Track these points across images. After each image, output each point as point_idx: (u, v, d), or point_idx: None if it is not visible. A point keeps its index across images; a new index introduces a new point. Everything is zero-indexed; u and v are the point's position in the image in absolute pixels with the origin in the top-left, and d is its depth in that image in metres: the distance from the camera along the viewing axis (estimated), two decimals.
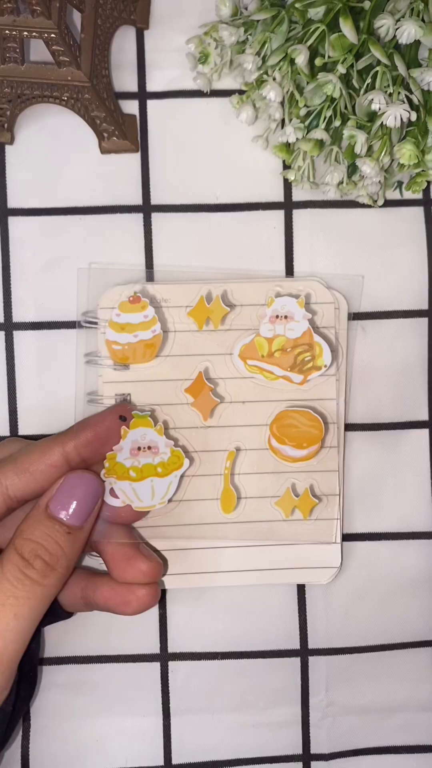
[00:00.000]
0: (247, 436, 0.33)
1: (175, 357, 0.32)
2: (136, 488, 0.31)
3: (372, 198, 0.34)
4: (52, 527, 0.29)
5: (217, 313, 0.32)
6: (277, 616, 0.36)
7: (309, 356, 0.32)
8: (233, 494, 0.32)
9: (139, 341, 0.32)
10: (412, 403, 0.36)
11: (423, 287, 0.36)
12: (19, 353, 0.36)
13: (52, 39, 0.31)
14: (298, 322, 0.32)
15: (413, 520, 0.36)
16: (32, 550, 0.29)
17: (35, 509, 0.30)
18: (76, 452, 0.31)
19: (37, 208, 0.35)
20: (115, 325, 0.32)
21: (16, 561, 0.28)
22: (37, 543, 0.29)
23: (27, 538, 0.29)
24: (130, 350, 0.32)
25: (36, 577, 0.28)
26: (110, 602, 0.32)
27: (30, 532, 0.29)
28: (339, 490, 0.35)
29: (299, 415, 0.32)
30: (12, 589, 0.28)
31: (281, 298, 0.32)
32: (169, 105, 0.36)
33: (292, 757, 0.36)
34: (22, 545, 0.29)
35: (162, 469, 0.31)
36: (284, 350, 0.32)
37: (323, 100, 0.32)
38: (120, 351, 0.32)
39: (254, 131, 0.35)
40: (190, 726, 0.36)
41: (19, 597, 0.28)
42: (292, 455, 0.32)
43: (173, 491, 0.32)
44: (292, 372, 0.32)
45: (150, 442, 0.31)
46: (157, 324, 0.32)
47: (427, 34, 0.30)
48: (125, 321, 0.32)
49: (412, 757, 0.36)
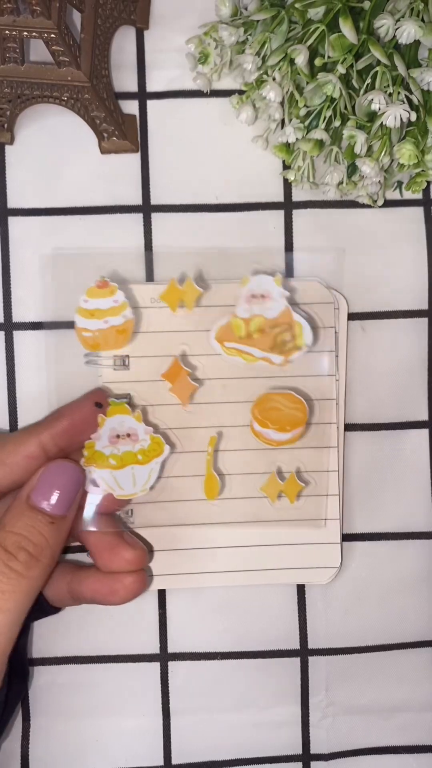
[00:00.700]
0: (229, 420, 0.32)
1: (151, 342, 0.31)
2: (117, 476, 0.31)
3: (372, 198, 0.34)
4: (35, 518, 0.29)
5: (190, 294, 0.31)
6: (276, 616, 0.36)
7: (289, 336, 0.30)
8: (216, 480, 0.32)
9: (110, 327, 0.31)
10: (412, 403, 0.36)
11: (423, 287, 0.36)
12: (19, 353, 0.36)
13: (52, 39, 0.31)
14: (276, 301, 0.31)
15: (413, 520, 0.36)
16: (15, 542, 0.28)
17: (16, 501, 0.29)
18: (52, 442, 0.31)
19: (37, 208, 0.35)
20: (83, 311, 0.31)
21: (0, 554, 0.28)
22: (20, 535, 0.28)
23: (10, 530, 0.28)
24: (101, 337, 0.31)
25: (20, 569, 0.28)
26: (97, 593, 0.31)
27: (12, 524, 0.29)
28: (339, 490, 0.35)
29: (282, 397, 0.31)
30: (8, 588, 0.28)
31: (257, 277, 0.31)
32: (169, 105, 0.36)
33: (291, 757, 0.36)
34: (5, 538, 0.28)
35: (142, 456, 0.31)
36: (263, 331, 0.30)
37: (323, 100, 0.32)
38: (90, 338, 0.31)
39: (254, 131, 0.36)
40: (189, 726, 0.36)
41: (5, 591, 0.28)
42: (275, 438, 0.31)
43: (155, 478, 0.31)
44: (272, 353, 0.30)
45: (129, 429, 0.31)
46: (128, 309, 0.31)
47: (426, 34, 0.30)
48: (94, 307, 0.30)
49: (412, 757, 0.36)
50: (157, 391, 0.32)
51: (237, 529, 0.32)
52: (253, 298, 0.30)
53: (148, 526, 0.33)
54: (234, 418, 0.32)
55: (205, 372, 0.32)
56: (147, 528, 0.34)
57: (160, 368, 0.32)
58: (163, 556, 0.35)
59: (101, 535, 0.32)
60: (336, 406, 0.35)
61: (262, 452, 0.32)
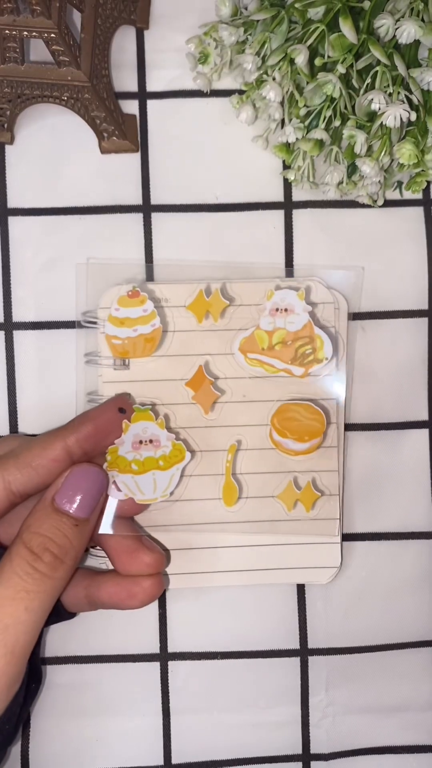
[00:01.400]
0: (249, 429, 0.32)
1: (176, 352, 0.32)
2: (138, 481, 0.31)
3: (372, 198, 0.34)
4: (60, 520, 0.29)
5: (216, 306, 0.32)
6: (276, 616, 0.36)
7: (310, 349, 0.31)
8: (235, 487, 0.32)
9: (138, 335, 0.32)
10: (412, 403, 0.36)
11: (423, 287, 0.36)
12: (19, 353, 0.36)
13: (52, 39, 0.31)
14: (299, 315, 0.31)
15: (413, 520, 0.36)
16: (41, 544, 0.29)
17: (41, 503, 0.30)
18: (77, 446, 0.31)
19: (37, 208, 0.35)
20: (114, 319, 0.32)
21: (25, 555, 0.28)
22: (45, 536, 0.29)
23: (35, 531, 0.29)
24: (129, 344, 0.32)
25: (45, 570, 0.29)
26: (115, 597, 0.32)
27: (38, 525, 0.29)
28: (339, 490, 0.35)
29: (301, 408, 0.32)
30: (22, 583, 0.28)
31: (281, 291, 0.32)
32: (169, 105, 0.36)
33: (291, 757, 0.36)
34: (30, 539, 0.29)
35: (164, 462, 0.31)
36: (285, 343, 0.31)
37: (323, 100, 0.32)
38: (120, 345, 0.32)
39: (254, 131, 0.36)
40: (189, 726, 0.36)
41: (30, 591, 0.28)
42: (293, 448, 0.32)
43: (175, 484, 0.32)
44: (293, 365, 0.31)
45: (151, 435, 0.31)
46: (156, 318, 0.32)
47: (426, 33, 0.30)
48: (124, 315, 0.31)
49: (412, 757, 0.36)
50: (178, 394, 0.32)
51: (252, 536, 0.33)
52: (276, 312, 0.31)
53: (163, 525, 0.33)
54: (253, 427, 0.33)
55: (226, 381, 0.32)
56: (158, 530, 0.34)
57: (181, 371, 0.33)
58: None
59: (121, 539, 0.32)
60: (336, 406, 0.35)
61: (279, 461, 0.32)
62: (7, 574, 0.28)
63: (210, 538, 0.35)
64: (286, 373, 0.32)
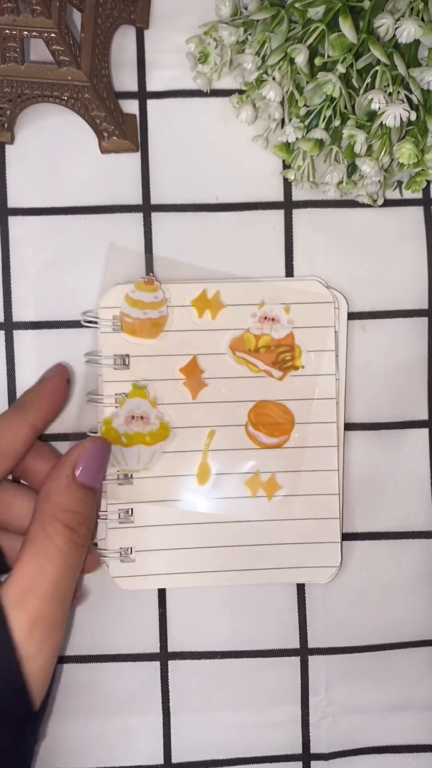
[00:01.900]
0: (227, 418, 0.35)
1: (174, 339, 0.35)
2: (125, 452, 0.34)
3: (372, 197, 0.34)
4: (85, 494, 0.31)
5: (215, 306, 0.35)
6: (276, 616, 0.36)
7: (289, 356, 0.35)
8: (209, 468, 0.35)
9: (147, 318, 0.35)
10: (412, 402, 0.36)
11: (423, 287, 0.36)
12: (19, 353, 0.36)
13: (52, 38, 0.31)
14: (283, 326, 0.35)
15: (412, 520, 0.36)
16: (75, 519, 0.30)
17: (61, 479, 0.31)
18: (41, 422, 0.33)
19: (37, 208, 0.36)
20: (129, 299, 0.35)
21: (64, 532, 0.30)
22: (77, 512, 0.30)
23: (68, 509, 0.30)
24: (138, 324, 0.35)
25: (83, 541, 0.31)
26: None
27: (68, 502, 0.30)
28: (339, 490, 0.35)
29: (275, 406, 0.35)
30: (67, 559, 0.30)
31: (271, 303, 0.35)
32: (169, 105, 0.36)
33: (291, 757, 0.36)
34: (65, 517, 0.30)
35: (150, 438, 0.34)
36: (268, 348, 0.35)
37: (323, 99, 0.32)
38: (130, 323, 0.35)
39: (254, 131, 0.35)
40: (189, 725, 0.36)
41: (73, 565, 0.30)
42: (263, 441, 0.35)
43: (157, 459, 0.35)
44: (273, 368, 0.35)
45: (143, 412, 0.34)
46: (164, 306, 0.35)
47: (426, 33, 0.30)
48: (138, 298, 0.34)
49: (412, 756, 0.36)
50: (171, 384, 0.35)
51: (221, 517, 0.35)
52: (265, 320, 0.35)
53: (141, 501, 0.35)
54: (231, 417, 0.35)
55: (212, 374, 0.35)
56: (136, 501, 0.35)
57: (175, 358, 0.35)
58: (164, 556, 0.35)
59: None
60: (336, 406, 0.35)
61: (249, 451, 0.35)
62: (54, 554, 0.29)
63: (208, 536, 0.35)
64: (266, 374, 0.35)
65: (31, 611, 0.29)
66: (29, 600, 0.29)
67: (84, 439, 0.32)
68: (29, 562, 0.29)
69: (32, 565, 0.29)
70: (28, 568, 0.29)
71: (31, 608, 0.29)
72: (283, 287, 0.35)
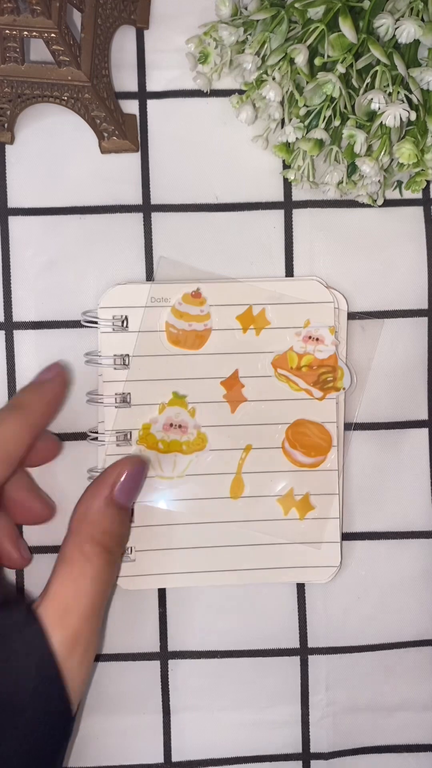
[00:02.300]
0: (264, 434, 0.35)
1: (216, 351, 0.35)
2: (161, 459, 0.35)
3: (372, 197, 0.34)
4: (120, 514, 0.32)
5: (260, 323, 0.35)
6: (276, 615, 0.36)
7: (331, 377, 0.35)
8: (242, 483, 0.35)
9: (191, 330, 0.35)
10: (412, 402, 0.36)
11: (423, 287, 0.36)
12: (19, 353, 0.36)
13: (52, 39, 0.31)
14: (327, 346, 0.35)
15: (413, 520, 0.36)
16: (112, 540, 0.31)
17: (99, 499, 0.31)
18: (42, 428, 0.33)
19: (37, 208, 0.36)
20: (176, 311, 0.35)
21: (102, 554, 0.31)
22: (114, 533, 0.31)
23: (106, 531, 0.31)
24: (182, 335, 0.35)
25: (117, 559, 0.32)
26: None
27: (106, 523, 0.31)
28: (339, 490, 0.35)
29: (313, 426, 0.35)
30: (105, 577, 0.31)
31: (317, 323, 0.35)
32: (169, 105, 0.36)
33: (291, 756, 0.36)
34: (104, 539, 0.31)
35: (186, 447, 0.35)
36: (311, 367, 0.35)
37: (323, 99, 0.32)
38: (174, 334, 0.35)
39: (254, 131, 0.36)
40: (190, 724, 0.36)
41: (109, 582, 0.31)
42: (300, 460, 0.35)
43: (192, 469, 0.35)
44: (314, 387, 0.35)
45: (182, 421, 0.35)
46: (210, 320, 0.35)
47: (426, 33, 0.30)
48: (185, 310, 0.35)
49: (412, 756, 0.36)
50: (209, 397, 0.35)
51: (251, 534, 0.35)
52: (309, 339, 0.35)
53: (175, 510, 0.35)
54: (269, 434, 0.35)
55: (253, 389, 0.35)
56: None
57: (217, 371, 0.35)
58: (164, 556, 0.35)
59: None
60: (336, 406, 0.35)
61: (285, 470, 0.35)
62: (91, 574, 0.30)
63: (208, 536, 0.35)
64: (306, 393, 0.35)
65: (71, 630, 0.29)
66: (69, 619, 0.29)
67: (122, 457, 0.33)
68: (67, 582, 0.30)
69: (70, 585, 0.30)
70: (66, 588, 0.30)
71: (71, 627, 0.29)
72: (282, 287, 0.35)
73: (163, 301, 0.35)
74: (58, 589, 0.30)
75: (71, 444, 0.35)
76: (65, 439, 0.36)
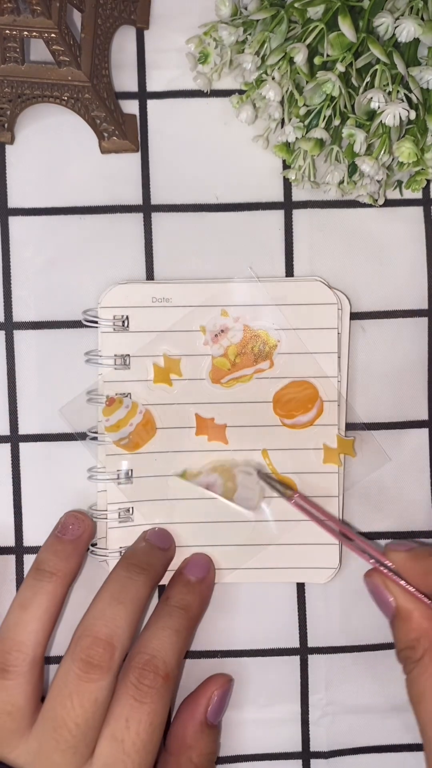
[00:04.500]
0: (264, 436, 0.35)
1: (169, 422, 0.35)
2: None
3: (372, 197, 0.34)
4: (214, 734, 0.34)
5: (173, 367, 0.35)
6: (276, 615, 0.36)
7: (262, 343, 0.35)
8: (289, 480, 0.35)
9: (136, 426, 0.35)
10: (412, 403, 0.36)
11: (423, 287, 0.36)
12: (19, 353, 0.36)
13: (52, 39, 0.31)
14: (233, 328, 0.35)
15: (413, 520, 0.36)
16: (208, 759, 0.33)
17: (196, 723, 0.33)
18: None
19: (37, 208, 0.36)
20: (110, 428, 0.35)
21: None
22: (211, 753, 0.34)
23: (203, 753, 0.33)
24: (135, 437, 0.35)
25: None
26: None
27: (203, 747, 0.33)
28: (338, 490, 0.35)
29: (289, 388, 0.35)
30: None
31: (209, 321, 0.35)
32: (169, 105, 0.36)
33: (291, 755, 0.36)
34: (201, 761, 0.33)
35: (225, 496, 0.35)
36: (240, 354, 0.35)
37: (323, 99, 0.32)
38: (129, 443, 0.35)
39: (254, 131, 0.35)
40: None
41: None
42: (306, 420, 0.35)
43: (260, 499, 0.35)
44: (258, 363, 0.35)
45: (208, 483, 0.35)
46: (139, 405, 0.35)
47: (426, 32, 0.30)
48: (116, 420, 0.35)
49: (411, 755, 0.36)
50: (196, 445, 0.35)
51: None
52: (217, 337, 0.34)
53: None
54: (264, 419, 0.35)
55: (222, 414, 0.35)
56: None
57: (188, 434, 0.35)
58: None
59: None
60: (338, 408, 0.35)
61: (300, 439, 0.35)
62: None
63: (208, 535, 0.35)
64: (258, 372, 0.35)
65: None
66: None
67: (211, 676, 0.35)
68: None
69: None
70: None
71: None
72: (285, 288, 0.35)
73: (166, 301, 0.35)
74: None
75: (71, 444, 0.36)
76: (65, 438, 0.36)
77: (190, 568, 0.34)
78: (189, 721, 0.33)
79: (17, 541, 0.36)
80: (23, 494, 0.36)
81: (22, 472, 0.36)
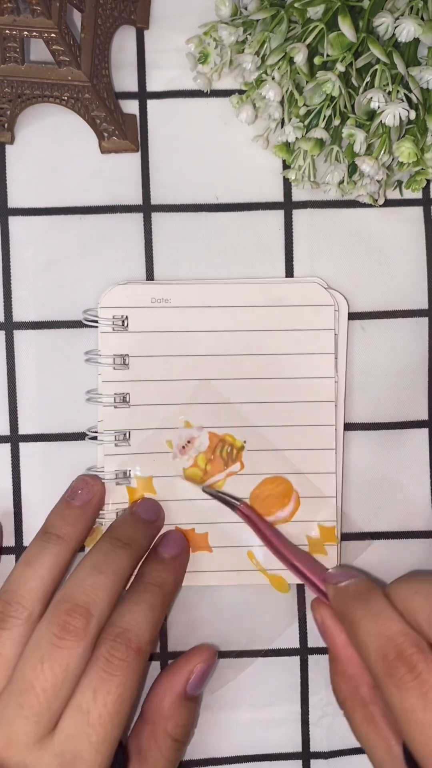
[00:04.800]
0: (248, 538, 0.35)
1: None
2: None
3: (372, 197, 0.34)
4: (192, 706, 0.33)
5: (147, 485, 0.35)
6: (276, 615, 0.36)
7: (228, 447, 0.35)
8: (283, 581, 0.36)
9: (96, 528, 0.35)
10: (412, 403, 0.36)
11: (423, 287, 0.36)
12: (19, 353, 0.36)
13: (52, 39, 0.31)
14: (198, 437, 0.35)
15: (413, 520, 0.36)
16: (184, 732, 0.33)
17: (176, 695, 0.33)
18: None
19: (37, 208, 0.36)
20: (91, 540, 0.35)
21: (173, 745, 0.32)
22: (185, 725, 0.33)
23: (179, 724, 0.32)
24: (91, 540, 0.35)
25: (184, 746, 0.34)
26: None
27: (180, 717, 0.33)
28: (336, 492, 0.35)
29: (264, 485, 0.35)
30: (172, 764, 0.32)
31: (175, 435, 0.35)
32: (169, 105, 0.36)
33: (291, 755, 0.36)
34: (176, 732, 0.32)
35: None
36: (210, 461, 0.35)
37: (323, 99, 0.32)
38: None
39: (254, 131, 0.35)
40: None
41: (175, 764, 0.33)
42: (284, 516, 0.35)
43: None
44: (229, 467, 0.35)
45: None
46: (95, 525, 0.35)
47: (426, 32, 0.30)
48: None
49: None
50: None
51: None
52: (184, 448, 0.35)
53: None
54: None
55: (200, 520, 0.35)
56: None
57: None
58: None
59: None
60: (335, 408, 0.35)
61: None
62: (162, 765, 0.32)
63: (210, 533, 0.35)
64: (230, 475, 0.35)
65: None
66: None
67: (196, 647, 0.35)
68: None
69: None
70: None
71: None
72: (282, 290, 0.35)
73: (164, 302, 0.35)
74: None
75: (71, 444, 0.36)
76: (65, 438, 0.36)
77: (164, 545, 0.34)
78: (168, 691, 0.33)
79: (17, 541, 0.36)
80: (23, 494, 0.36)
81: (22, 472, 0.36)
